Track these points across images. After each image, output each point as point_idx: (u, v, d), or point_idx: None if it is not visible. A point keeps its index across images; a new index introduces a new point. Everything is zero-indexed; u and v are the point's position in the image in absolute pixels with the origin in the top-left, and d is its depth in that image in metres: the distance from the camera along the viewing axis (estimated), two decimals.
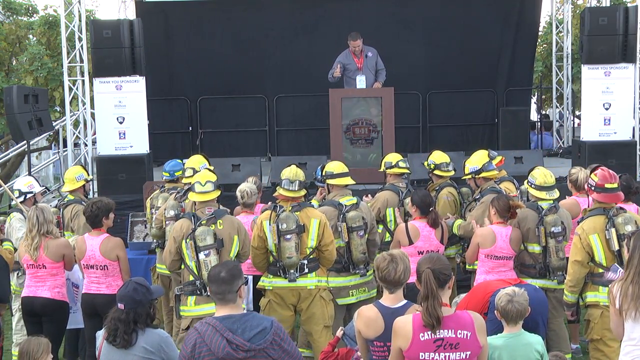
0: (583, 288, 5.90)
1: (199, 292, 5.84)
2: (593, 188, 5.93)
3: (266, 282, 6.33)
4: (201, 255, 5.76)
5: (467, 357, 4.00)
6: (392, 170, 7.67)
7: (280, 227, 6.12)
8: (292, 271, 6.17)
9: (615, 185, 5.93)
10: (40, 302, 6.52)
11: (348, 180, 6.91)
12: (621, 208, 5.93)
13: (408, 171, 7.80)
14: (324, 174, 7.14)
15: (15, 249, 6.88)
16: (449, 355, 3.98)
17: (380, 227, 7.32)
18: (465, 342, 3.99)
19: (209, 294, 5.51)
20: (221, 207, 6.28)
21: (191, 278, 5.87)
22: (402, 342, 4.02)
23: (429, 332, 3.96)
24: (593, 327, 5.81)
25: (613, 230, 5.71)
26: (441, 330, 3.97)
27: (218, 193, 6.07)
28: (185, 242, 5.84)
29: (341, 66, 10.73)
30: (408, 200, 7.20)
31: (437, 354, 3.97)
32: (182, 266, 6.02)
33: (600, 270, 5.78)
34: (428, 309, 3.95)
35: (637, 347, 4.51)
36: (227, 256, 5.85)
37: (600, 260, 5.78)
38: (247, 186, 7.19)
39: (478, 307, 4.61)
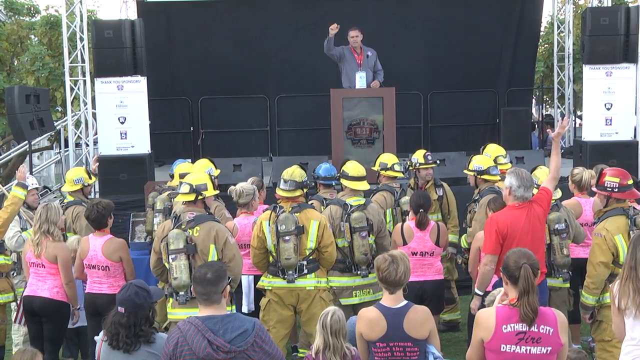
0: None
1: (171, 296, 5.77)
2: (616, 189, 5.87)
3: (265, 282, 6.32)
4: (170, 258, 5.67)
5: (548, 352, 4.02)
6: (386, 173, 7.69)
7: (279, 228, 6.11)
8: (290, 272, 6.16)
9: (632, 180, 5.94)
10: (39, 301, 6.53)
11: (361, 185, 6.87)
12: (634, 208, 5.91)
13: (402, 175, 7.75)
14: (340, 172, 7.14)
15: (10, 253, 7.10)
16: (529, 349, 4.01)
17: None
18: (547, 337, 4.02)
19: (182, 298, 5.60)
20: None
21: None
22: (485, 333, 4.07)
23: (512, 325, 4.01)
24: (606, 328, 5.76)
25: (637, 230, 5.67)
26: (524, 324, 4.00)
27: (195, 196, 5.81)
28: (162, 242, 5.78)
29: (340, 54, 10.70)
30: (404, 199, 7.24)
31: (518, 346, 4.02)
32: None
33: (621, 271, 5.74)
34: (529, 303, 3.99)
35: (637, 346, 4.49)
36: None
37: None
38: (240, 185, 7.17)
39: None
